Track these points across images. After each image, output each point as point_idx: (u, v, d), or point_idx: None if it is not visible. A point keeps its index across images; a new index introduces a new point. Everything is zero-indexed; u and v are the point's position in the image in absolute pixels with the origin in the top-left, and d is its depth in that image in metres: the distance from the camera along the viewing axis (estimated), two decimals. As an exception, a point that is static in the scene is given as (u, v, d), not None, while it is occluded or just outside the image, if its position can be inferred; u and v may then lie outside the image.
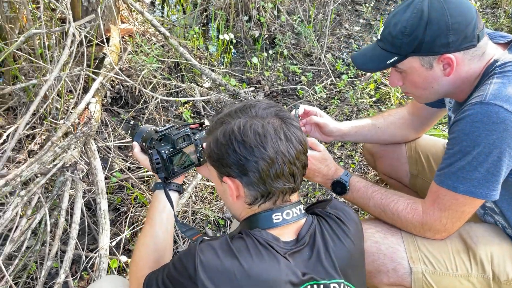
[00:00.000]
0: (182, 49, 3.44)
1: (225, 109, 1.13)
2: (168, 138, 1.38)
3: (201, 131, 1.45)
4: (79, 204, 1.99)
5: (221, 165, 1.06)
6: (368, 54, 1.45)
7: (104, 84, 2.63)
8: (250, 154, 1.00)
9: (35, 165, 1.77)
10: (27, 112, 1.89)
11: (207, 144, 1.12)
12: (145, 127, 1.50)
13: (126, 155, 2.91)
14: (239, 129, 1.02)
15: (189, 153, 1.41)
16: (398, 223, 1.47)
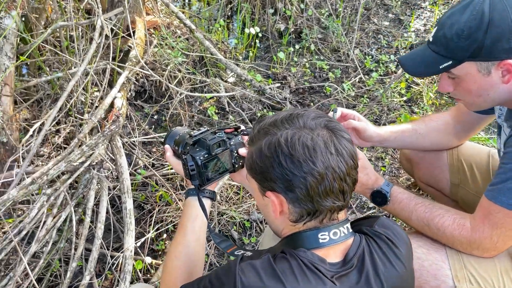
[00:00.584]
0: (208, 43, 3.36)
1: (267, 117, 1.05)
2: (203, 143, 1.31)
3: (236, 136, 1.38)
4: (104, 203, 1.95)
5: (264, 179, 0.98)
6: (417, 58, 1.35)
7: (129, 78, 2.57)
8: (298, 169, 0.92)
9: (62, 164, 1.72)
10: (54, 108, 1.84)
11: (249, 155, 1.04)
12: (177, 129, 1.43)
13: (149, 150, 2.86)
14: (286, 141, 0.93)
15: (224, 159, 1.33)
16: (444, 239, 1.38)
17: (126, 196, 2.01)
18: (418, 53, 1.35)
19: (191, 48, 3.54)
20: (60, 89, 2.70)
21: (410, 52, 1.42)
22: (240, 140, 1.38)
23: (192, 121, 3.11)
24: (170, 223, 2.22)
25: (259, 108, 3.21)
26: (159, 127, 3.10)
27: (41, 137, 1.80)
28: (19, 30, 2.47)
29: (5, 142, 2.41)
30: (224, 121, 3.11)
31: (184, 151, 1.31)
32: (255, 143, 1.02)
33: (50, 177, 1.71)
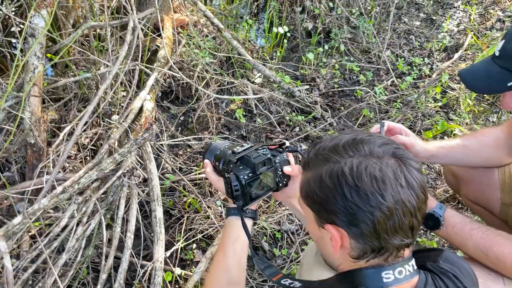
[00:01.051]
0: (236, 43, 3.27)
1: (325, 140, 0.96)
2: (247, 161, 1.23)
3: (281, 153, 1.29)
4: (134, 211, 1.89)
5: (323, 210, 0.90)
6: (480, 73, 1.24)
7: (158, 80, 2.50)
8: (365, 202, 0.83)
9: (94, 172, 1.66)
10: (85, 112, 1.78)
11: (304, 182, 0.95)
12: (218, 144, 1.36)
13: (176, 153, 2.80)
14: (351, 171, 0.85)
15: (268, 177, 1.25)
16: (503, 269, 1.27)
17: (156, 204, 1.95)
18: (481, 68, 1.24)
19: (218, 48, 3.46)
20: (87, 89, 2.65)
21: (471, 66, 1.32)
22: (285, 157, 1.29)
23: (218, 124, 3.04)
24: (200, 232, 2.15)
25: (288, 111, 3.12)
26: (185, 129, 3.04)
27: (71, 143, 1.75)
28: (48, 29, 2.43)
29: (32, 144, 2.37)
30: (252, 124, 3.03)
31: (227, 169, 1.23)
32: (312, 169, 0.93)
33: (81, 186, 1.65)
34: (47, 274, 1.59)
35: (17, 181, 2.45)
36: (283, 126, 3.00)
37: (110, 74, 1.89)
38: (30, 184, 1.72)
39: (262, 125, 3.01)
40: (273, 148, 1.31)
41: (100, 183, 1.79)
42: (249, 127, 3.02)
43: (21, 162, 2.48)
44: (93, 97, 2.57)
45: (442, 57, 3.72)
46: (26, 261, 1.57)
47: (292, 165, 1.29)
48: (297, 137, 2.83)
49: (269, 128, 2.99)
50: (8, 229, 1.46)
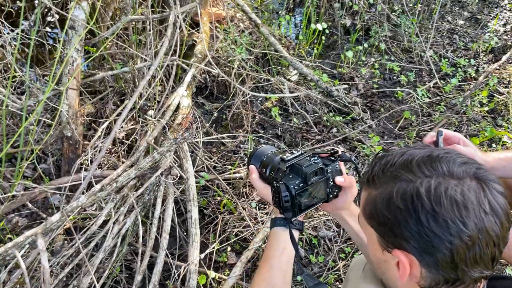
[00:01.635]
0: (273, 39, 3.19)
1: (393, 154, 0.86)
2: (298, 170, 1.15)
3: (333, 162, 1.21)
4: (170, 211, 1.85)
5: (391, 233, 0.81)
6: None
7: (195, 76, 2.45)
8: (443, 230, 0.74)
9: (132, 171, 1.62)
10: (124, 108, 1.74)
11: (369, 200, 0.87)
12: (264, 149, 1.28)
13: (210, 150, 2.75)
14: (428, 193, 0.76)
15: (319, 188, 1.17)
16: None
17: (192, 204, 1.90)
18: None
19: (255, 44, 3.39)
20: (124, 82, 2.62)
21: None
22: (337, 167, 1.21)
23: (253, 122, 2.97)
24: (234, 235, 2.10)
25: (325, 111, 3.02)
26: (219, 126, 2.99)
27: (110, 139, 1.71)
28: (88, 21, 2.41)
29: (69, 137, 2.37)
30: (287, 123, 2.95)
31: (276, 177, 1.16)
32: (379, 186, 0.85)
33: (119, 184, 1.61)
34: (82, 273, 1.57)
35: (53, 173, 2.46)
36: (319, 127, 2.91)
37: (150, 70, 1.84)
38: (68, 180, 1.70)
39: (298, 125, 2.92)
40: (324, 157, 1.22)
41: (137, 181, 1.75)
42: (284, 126, 2.94)
43: (57, 154, 2.48)
44: (129, 91, 2.55)
45: (489, 58, 3.54)
46: (62, 258, 1.54)
47: (344, 175, 1.21)
48: (335, 139, 2.73)
49: (305, 128, 2.90)
50: (47, 226, 1.44)
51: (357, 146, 2.70)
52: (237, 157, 2.65)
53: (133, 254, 2.13)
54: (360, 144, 2.70)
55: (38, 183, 2.47)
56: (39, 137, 2.53)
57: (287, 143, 2.81)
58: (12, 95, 2.47)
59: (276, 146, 2.76)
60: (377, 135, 2.80)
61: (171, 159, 1.77)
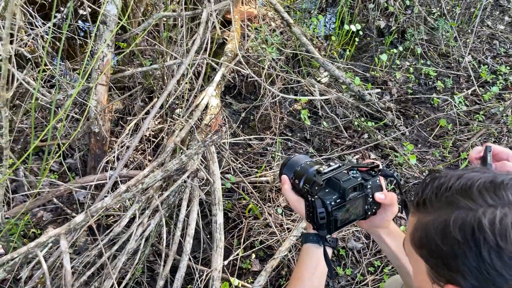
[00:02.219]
0: (305, 40, 3.10)
1: (448, 174, 0.77)
2: (335, 184, 1.07)
3: (373, 176, 1.13)
4: (194, 214, 1.80)
5: (444, 266, 0.73)
6: None
7: (224, 75, 2.39)
8: (508, 268, 0.66)
9: (159, 173, 1.58)
10: (153, 107, 1.70)
11: (419, 227, 0.78)
12: (298, 158, 1.21)
13: (236, 152, 2.69)
14: (492, 226, 0.67)
15: (357, 204, 1.09)
16: None
17: (217, 208, 1.84)
18: None
19: (285, 44, 3.31)
20: (154, 80, 2.59)
21: None
22: (377, 182, 1.12)
23: (281, 124, 2.89)
24: (259, 242, 2.03)
25: (356, 115, 2.92)
26: (246, 126, 2.92)
27: (137, 139, 1.67)
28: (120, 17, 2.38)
29: (96, 133, 2.35)
30: (316, 126, 2.86)
31: (311, 191, 1.08)
32: (431, 212, 0.76)
33: (145, 186, 1.57)
34: (104, 275, 1.53)
35: (79, 168, 2.45)
36: (350, 132, 2.81)
37: (180, 68, 1.79)
38: (94, 178, 1.67)
39: (327, 129, 2.83)
40: (364, 171, 1.14)
41: (163, 182, 1.71)
42: (313, 129, 2.85)
43: (84, 150, 2.47)
44: (158, 88, 2.51)
45: (532, 66, 3.36)
46: (84, 258, 1.51)
47: (385, 192, 1.12)
48: (366, 145, 2.63)
49: (335, 133, 2.80)
50: (70, 227, 1.41)
51: (390, 154, 2.59)
52: (264, 160, 2.58)
53: (155, 255, 2.10)
54: (393, 152, 2.59)
55: (64, 177, 2.48)
56: (67, 131, 2.53)
57: (315, 147, 2.72)
58: (42, 88, 2.47)
59: (305, 151, 2.68)
60: (411, 143, 2.69)
61: (198, 162, 1.71)
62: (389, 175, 1.16)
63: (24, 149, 2.52)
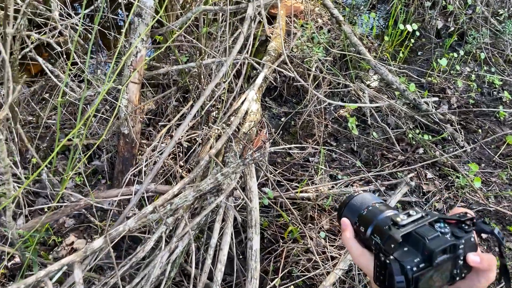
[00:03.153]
0: (356, 39, 2.82)
1: None
2: (418, 243, 0.81)
3: (466, 232, 0.86)
4: (228, 238, 1.58)
5: None
6: None
7: (267, 77, 2.16)
8: None
9: (190, 193, 1.37)
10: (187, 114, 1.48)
11: None
12: (364, 198, 0.95)
13: (274, 161, 2.46)
14: None
15: (444, 269, 0.83)
16: None
17: (253, 231, 1.62)
18: None
19: (333, 43, 3.03)
20: (190, 78, 2.38)
21: None
22: (472, 241, 0.86)
23: (325, 131, 2.63)
24: (298, 271, 1.79)
25: (410, 126, 2.62)
26: (286, 133, 2.68)
27: (168, 151, 1.46)
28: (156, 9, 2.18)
29: (126, 134, 2.17)
30: (364, 136, 2.59)
31: (384, 248, 0.83)
32: None
33: (173, 207, 1.36)
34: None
35: (106, 171, 2.28)
36: (403, 145, 2.52)
37: (220, 71, 1.57)
38: (118, 193, 1.48)
39: (377, 140, 2.55)
40: (452, 223, 0.88)
41: (194, 200, 1.49)
42: (361, 140, 2.58)
43: (112, 151, 2.30)
44: (193, 88, 2.30)
45: None
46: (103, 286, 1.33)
47: (480, 253, 0.86)
48: (422, 163, 2.33)
49: (386, 145, 2.52)
50: (86, 253, 1.22)
51: (449, 173, 2.29)
52: (305, 172, 2.34)
53: (181, 274, 1.90)
54: (453, 172, 2.28)
55: (90, 180, 2.33)
56: (95, 131, 2.37)
57: (363, 160, 2.45)
58: (71, 83, 2.32)
59: (351, 164, 2.41)
60: (472, 161, 2.37)
61: (236, 182, 1.49)
62: (488, 232, 0.89)
63: (50, 147, 2.39)
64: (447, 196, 2.17)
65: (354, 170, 2.37)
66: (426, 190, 2.21)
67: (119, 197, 1.47)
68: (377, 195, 2.19)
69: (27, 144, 2.08)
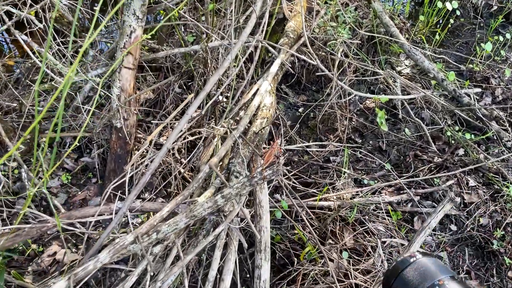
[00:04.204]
0: (387, 19, 2.44)
1: None
2: None
3: None
4: (231, 265, 1.28)
5: None
6: None
7: (284, 63, 1.83)
8: None
9: (182, 219, 1.07)
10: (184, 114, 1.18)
11: None
12: (423, 268, 0.65)
13: (290, 160, 2.14)
14: None
15: None
16: None
17: (263, 257, 1.32)
18: None
19: (361, 23, 2.65)
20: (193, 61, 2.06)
21: None
22: None
23: (349, 125, 2.29)
24: (316, 302, 1.50)
25: (448, 122, 2.26)
26: (304, 126, 2.35)
27: (157, 161, 1.16)
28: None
29: (118, 128, 1.88)
30: (394, 133, 2.24)
31: None
32: None
33: (161, 236, 1.07)
34: None
35: (97, 168, 2.01)
36: (439, 144, 2.17)
37: (225, 60, 1.25)
38: (95, 212, 1.19)
39: (410, 138, 2.20)
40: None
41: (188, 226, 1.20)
42: (391, 137, 2.24)
43: (105, 146, 2.02)
44: (198, 76, 1.98)
45: None
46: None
47: None
48: (463, 168, 1.99)
49: (419, 144, 2.18)
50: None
51: (495, 181, 1.94)
52: (325, 174, 2.02)
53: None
54: (500, 180, 1.94)
55: (79, 178, 2.06)
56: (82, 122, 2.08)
57: (392, 161, 2.12)
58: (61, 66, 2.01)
59: (378, 166, 2.08)
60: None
61: (242, 205, 1.19)
62: None
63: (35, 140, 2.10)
64: (493, 209, 1.84)
65: (382, 173, 2.04)
66: (468, 201, 1.87)
67: (96, 218, 1.19)
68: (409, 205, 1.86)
69: (4, 137, 1.81)
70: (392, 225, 1.77)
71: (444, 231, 1.83)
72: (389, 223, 1.76)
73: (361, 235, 1.72)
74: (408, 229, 1.79)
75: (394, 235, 1.72)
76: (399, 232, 1.74)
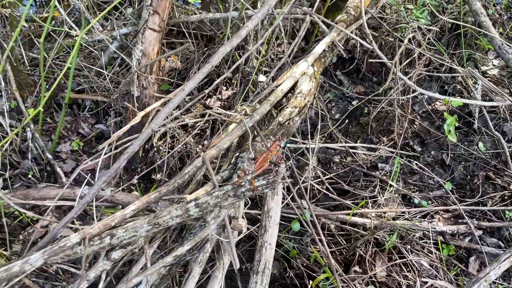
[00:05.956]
0: (479, 5, 1.99)
1: None
2: None
3: None
4: (215, 286, 1.02)
5: None
6: None
7: (335, 44, 1.50)
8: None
9: (143, 225, 0.82)
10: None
11: None
12: None
13: (329, 160, 1.81)
14: None
15: None
16: None
17: (258, 281, 1.05)
18: None
19: (444, 7, 2.20)
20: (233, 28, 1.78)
21: None
22: None
23: (409, 129, 1.91)
24: None
25: (538, 141, 1.80)
26: (354, 123, 1.99)
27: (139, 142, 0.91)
28: None
29: (136, 97, 1.67)
30: (464, 146, 1.82)
31: None
32: None
33: (116, 242, 0.83)
34: None
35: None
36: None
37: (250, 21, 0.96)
38: (55, 195, 0.98)
39: (483, 154, 1.78)
40: None
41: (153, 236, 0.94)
42: (459, 149, 1.82)
43: (123, 114, 1.82)
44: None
45: None
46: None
47: None
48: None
49: (494, 164, 1.75)
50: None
51: None
52: (369, 182, 1.68)
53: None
54: None
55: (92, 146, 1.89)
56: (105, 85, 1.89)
57: (456, 180, 1.72)
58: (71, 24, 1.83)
59: (436, 183, 1.69)
60: None
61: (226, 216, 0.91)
62: None
63: (55, 97, 1.97)
64: None
65: (439, 194, 1.65)
66: (548, 248, 1.44)
67: (56, 203, 0.98)
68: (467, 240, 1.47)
69: (15, 92, 1.67)
70: (440, 262, 1.40)
71: (508, 281, 1.43)
72: (436, 259, 1.40)
73: (397, 268, 1.38)
74: (460, 270, 1.41)
75: (439, 276, 1.35)
76: (446, 273, 1.37)
